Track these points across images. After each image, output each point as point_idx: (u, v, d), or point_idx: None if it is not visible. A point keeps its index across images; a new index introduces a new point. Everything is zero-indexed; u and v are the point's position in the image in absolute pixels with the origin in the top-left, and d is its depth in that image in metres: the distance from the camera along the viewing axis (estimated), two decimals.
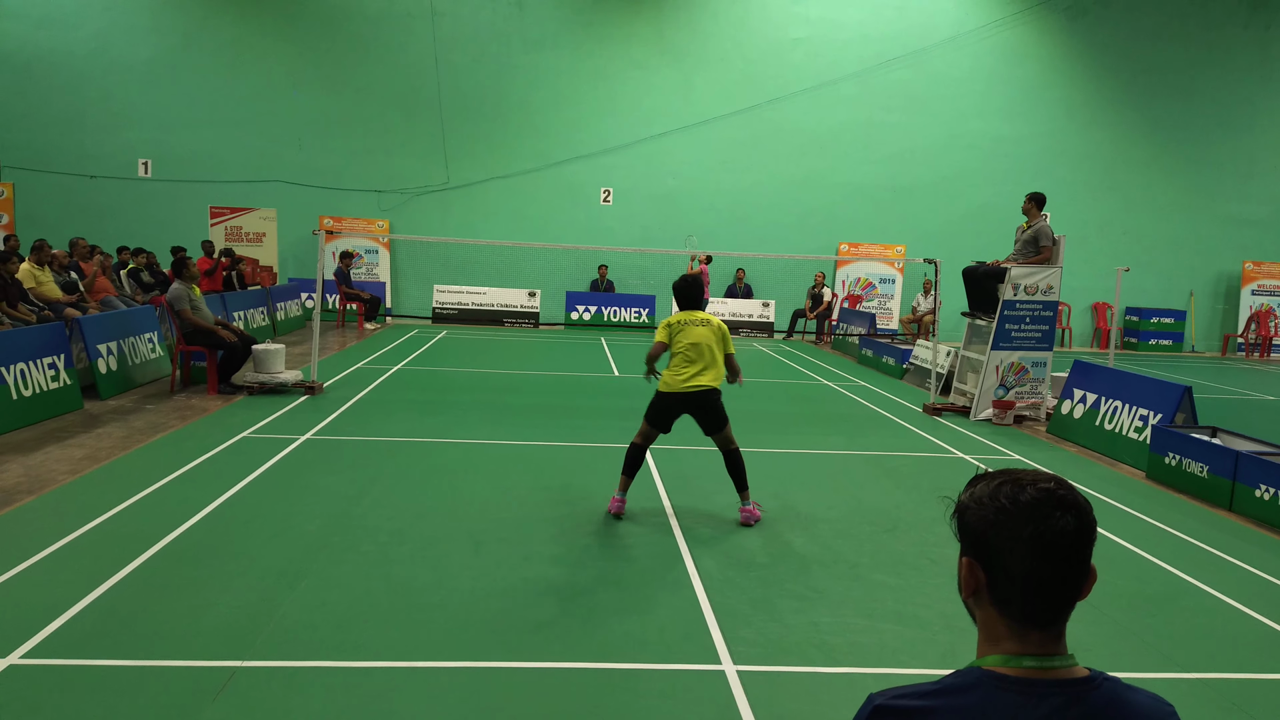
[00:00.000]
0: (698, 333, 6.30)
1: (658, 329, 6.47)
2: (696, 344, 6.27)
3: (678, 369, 6.30)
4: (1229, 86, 21.56)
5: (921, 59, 20.87)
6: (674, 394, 6.28)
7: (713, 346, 6.30)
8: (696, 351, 6.27)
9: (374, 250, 20.43)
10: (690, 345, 6.28)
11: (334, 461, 7.56)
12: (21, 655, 4.00)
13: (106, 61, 19.45)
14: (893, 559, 5.83)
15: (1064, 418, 10.16)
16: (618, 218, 20.80)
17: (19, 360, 8.51)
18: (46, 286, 11.56)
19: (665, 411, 6.35)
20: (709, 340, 6.30)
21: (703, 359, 6.26)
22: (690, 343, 6.28)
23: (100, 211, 19.47)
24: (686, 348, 6.28)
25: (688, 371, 6.26)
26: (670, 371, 6.34)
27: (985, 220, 20.54)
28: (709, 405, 6.30)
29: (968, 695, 1.36)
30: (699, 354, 6.26)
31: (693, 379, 6.24)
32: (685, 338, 6.30)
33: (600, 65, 20.51)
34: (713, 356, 6.30)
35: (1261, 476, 7.11)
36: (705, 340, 6.28)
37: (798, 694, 4.04)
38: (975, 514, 1.42)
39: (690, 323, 6.36)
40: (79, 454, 7.52)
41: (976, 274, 11.18)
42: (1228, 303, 22.45)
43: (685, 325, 6.35)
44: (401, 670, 4.04)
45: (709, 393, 6.27)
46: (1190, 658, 4.60)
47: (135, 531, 5.61)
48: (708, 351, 6.28)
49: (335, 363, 12.96)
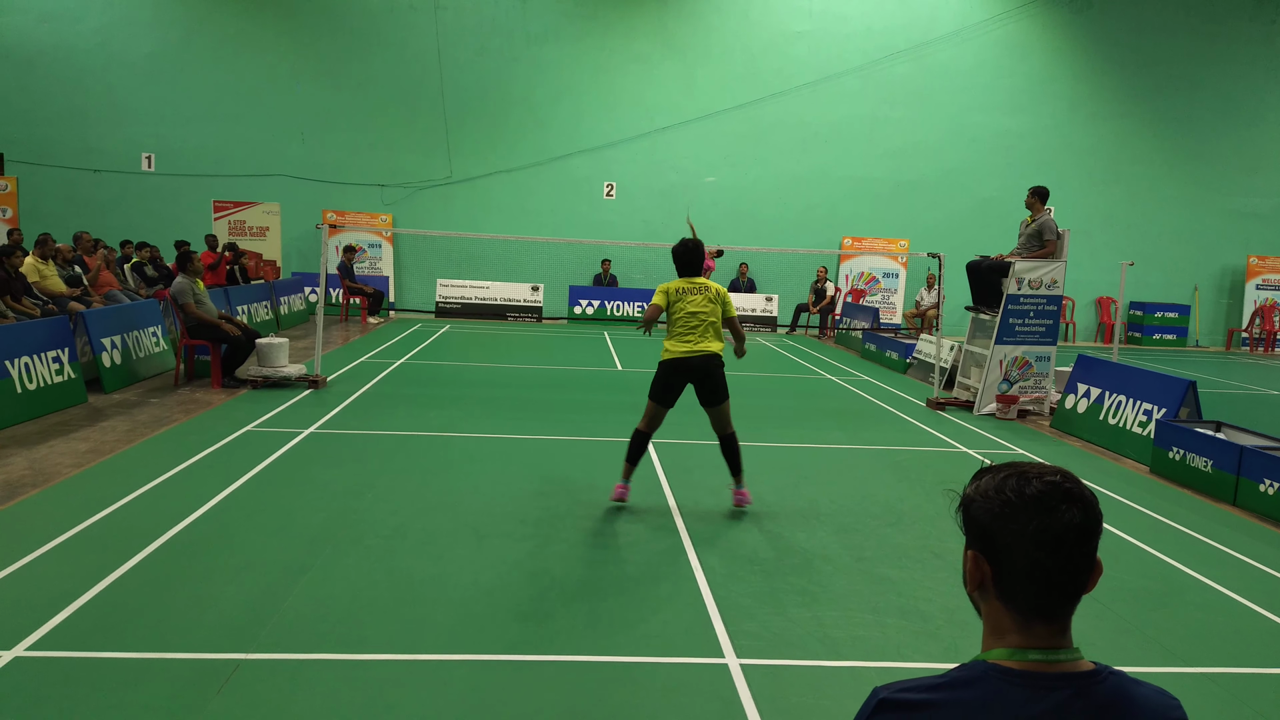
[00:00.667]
0: (697, 300, 6.27)
1: (655, 292, 6.41)
2: (696, 312, 6.24)
3: (679, 337, 6.26)
4: (1234, 80, 21.48)
5: (925, 53, 20.81)
6: (675, 359, 6.24)
7: (714, 313, 6.28)
8: (696, 319, 6.24)
9: (377, 244, 20.43)
10: (689, 314, 6.25)
11: (337, 455, 7.56)
12: (26, 648, 4.01)
13: (109, 56, 19.45)
14: (896, 553, 5.83)
15: (1068, 412, 10.15)
16: (620, 212, 20.78)
17: (23, 354, 8.52)
18: (50, 280, 11.58)
19: (668, 382, 6.30)
20: (709, 307, 6.27)
21: (703, 326, 6.24)
22: (690, 311, 6.25)
23: (104, 205, 19.50)
24: (686, 316, 6.25)
25: (690, 339, 6.23)
26: (672, 340, 6.31)
27: (989, 214, 20.51)
28: (710, 372, 6.24)
29: (973, 689, 1.35)
30: (699, 321, 6.24)
31: (695, 345, 6.21)
32: (684, 306, 6.27)
33: (603, 59, 20.47)
34: (714, 323, 6.28)
35: (1266, 471, 7.10)
36: (705, 308, 6.26)
37: (801, 688, 4.04)
38: (981, 507, 1.41)
39: (689, 290, 6.32)
40: (83, 447, 7.53)
41: (980, 268, 11.16)
42: (1232, 297, 22.39)
43: (684, 294, 6.31)
44: (404, 663, 4.04)
45: (710, 358, 6.23)
46: (1194, 652, 4.59)
47: (139, 525, 5.62)
48: (707, 318, 6.25)
49: (339, 357, 12.97)
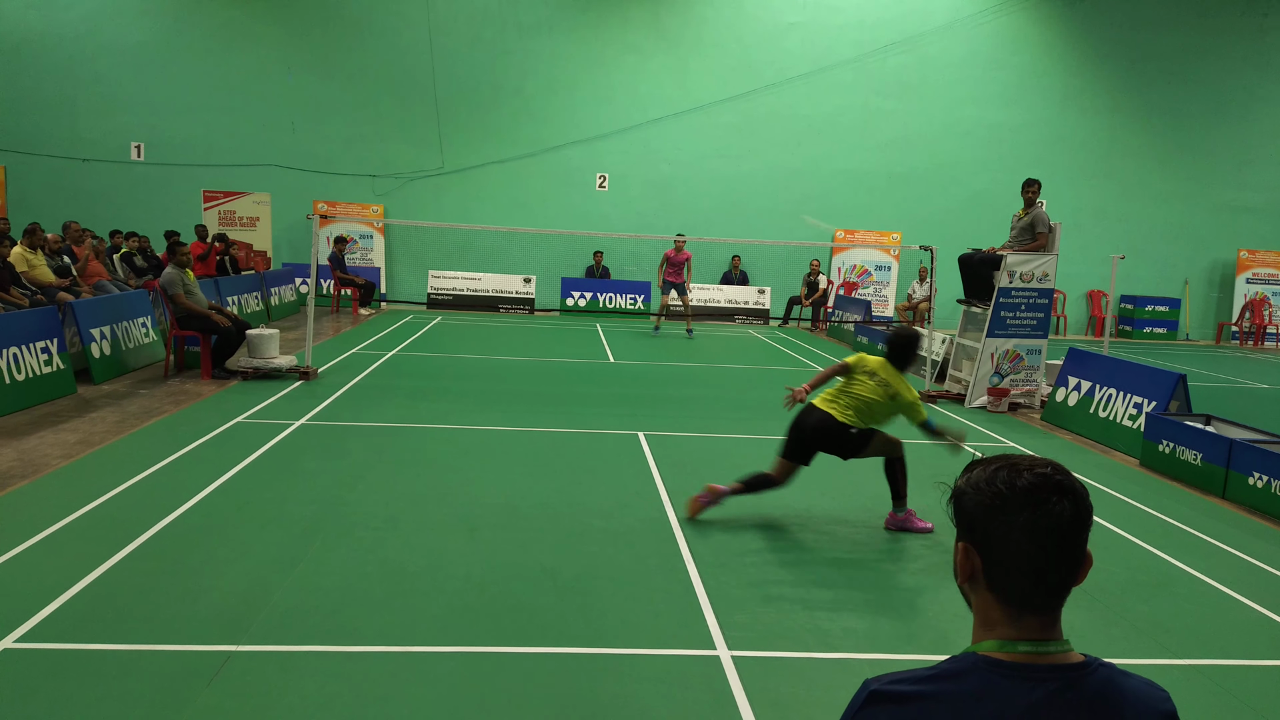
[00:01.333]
0: (867, 384, 6.01)
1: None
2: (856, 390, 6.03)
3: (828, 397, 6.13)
4: (1226, 74, 21.53)
5: (918, 45, 20.80)
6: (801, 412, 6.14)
7: (874, 397, 5.98)
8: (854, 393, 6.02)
9: (368, 235, 20.35)
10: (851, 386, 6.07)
11: (328, 447, 7.54)
12: (15, 639, 3.99)
13: (97, 44, 19.30)
14: (887, 544, 5.85)
15: (1058, 405, 10.18)
16: (613, 203, 20.74)
17: (12, 344, 8.47)
18: (39, 270, 11.50)
19: (789, 435, 6.17)
20: (873, 394, 5.99)
21: (851, 398, 6.02)
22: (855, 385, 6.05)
23: (93, 195, 19.37)
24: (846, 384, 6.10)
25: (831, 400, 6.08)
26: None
27: (981, 207, 20.53)
28: (825, 435, 6.02)
29: (963, 680, 1.35)
30: (854, 396, 6.01)
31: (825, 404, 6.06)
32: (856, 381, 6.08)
33: (596, 50, 20.40)
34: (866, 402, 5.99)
35: (1255, 464, 7.14)
36: (868, 393, 5.99)
37: (792, 679, 4.05)
38: (972, 499, 1.41)
39: (870, 374, 6.05)
40: (72, 438, 7.50)
41: (972, 261, 11.17)
42: (1222, 291, 22.48)
43: (867, 375, 6.06)
44: (395, 655, 4.04)
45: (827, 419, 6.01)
46: (1182, 644, 4.62)
47: (129, 516, 5.60)
48: (863, 397, 5.99)
49: (329, 348, 12.93)
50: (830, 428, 5.93)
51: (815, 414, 6.00)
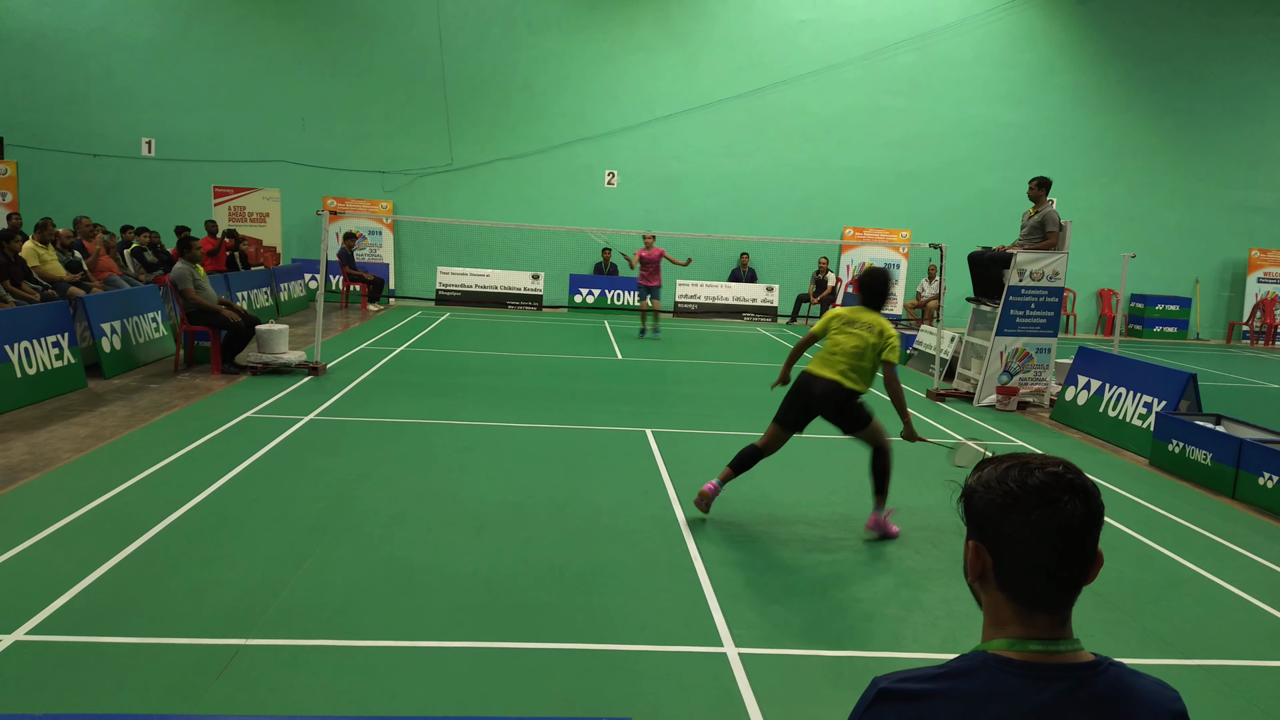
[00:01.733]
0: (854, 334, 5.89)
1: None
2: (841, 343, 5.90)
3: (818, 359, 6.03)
4: (1238, 73, 21.40)
5: (928, 43, 20.73)
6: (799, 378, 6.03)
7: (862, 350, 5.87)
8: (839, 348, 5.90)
9: (377, 231, 20.39)
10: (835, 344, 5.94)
11: (337, 443, 7.56)
12: (26, 632, 4.01)
13: (109, 40, 19.37)
14: (895, 543, 5.84)
15: (1068, 404, 10.15)
16: (622, 200, 20.73)
17: (23, 339, 8.51)
18: (50, 265, 11.56)
19: (788, 402, 6.10)
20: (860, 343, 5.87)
21: (840, 356, 5.89)
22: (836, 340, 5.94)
23: (103, 190, 19.45)
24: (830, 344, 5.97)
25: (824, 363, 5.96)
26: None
27: (991, 205, 20.45)
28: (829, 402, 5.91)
29: (973, 679, 1.35)
30: (839, 350, 5.90)
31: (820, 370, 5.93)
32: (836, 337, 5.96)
33: (604, 47, 20.39)
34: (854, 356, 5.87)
35: (1265, 464, 7.10)
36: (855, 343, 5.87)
37: (799, 677, 4.04)
38: (983, 498, 1.41)
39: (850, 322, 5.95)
40: (83, 433, 7.53)
41: (982, 259, 11.14)
42: (1233, 290, 22.36)
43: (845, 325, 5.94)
44: (402, 650, 4.05)
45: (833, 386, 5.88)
46: (1192, 645, 4.60)
47: (139, 510, 5.63)
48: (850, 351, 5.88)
49: (338, 344, 12.96)
50: (838, 394, 5.84)
51: (819, 381, 5.89)
